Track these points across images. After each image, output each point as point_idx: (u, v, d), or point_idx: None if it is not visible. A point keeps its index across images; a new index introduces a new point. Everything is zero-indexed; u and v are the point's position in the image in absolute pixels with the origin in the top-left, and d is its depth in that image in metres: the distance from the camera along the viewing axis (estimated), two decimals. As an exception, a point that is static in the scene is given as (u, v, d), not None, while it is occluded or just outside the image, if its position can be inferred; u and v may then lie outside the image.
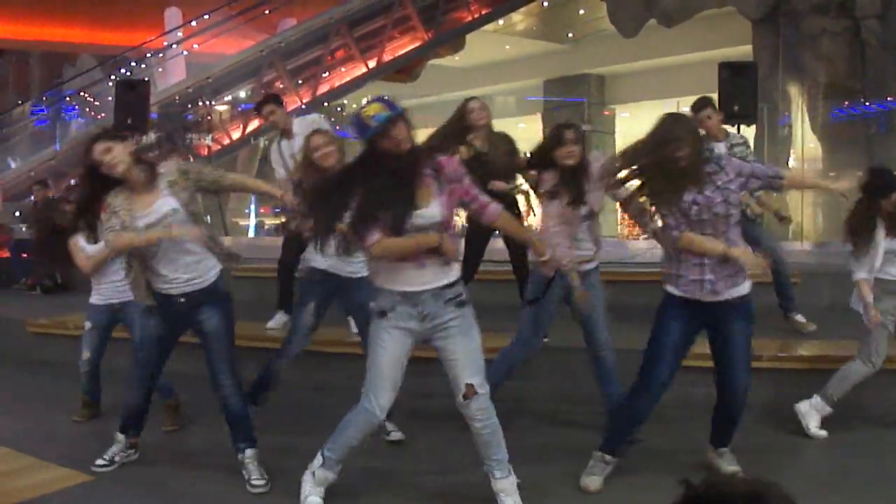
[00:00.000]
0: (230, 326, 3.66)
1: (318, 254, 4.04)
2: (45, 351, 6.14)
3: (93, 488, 3.57)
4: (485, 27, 16.94)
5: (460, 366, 3.13)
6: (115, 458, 3.85)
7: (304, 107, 15.97)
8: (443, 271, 3.13)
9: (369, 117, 3.00)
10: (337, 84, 16.09)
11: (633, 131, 4.88)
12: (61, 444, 4.22)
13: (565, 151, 3.97)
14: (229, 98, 16.58)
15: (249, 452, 3.60)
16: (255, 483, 3.53)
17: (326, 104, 17.02)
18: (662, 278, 3.54)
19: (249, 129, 16.26)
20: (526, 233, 3.72)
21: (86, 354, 4.61)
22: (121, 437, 3.87)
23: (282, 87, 16.02)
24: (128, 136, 3.76)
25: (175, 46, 17.47)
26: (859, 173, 3.82)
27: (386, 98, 3.08)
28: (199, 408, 4.69)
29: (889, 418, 4.41)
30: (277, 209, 4.70)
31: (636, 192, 3.54)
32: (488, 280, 5.74)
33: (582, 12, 19.10)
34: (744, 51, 13.50)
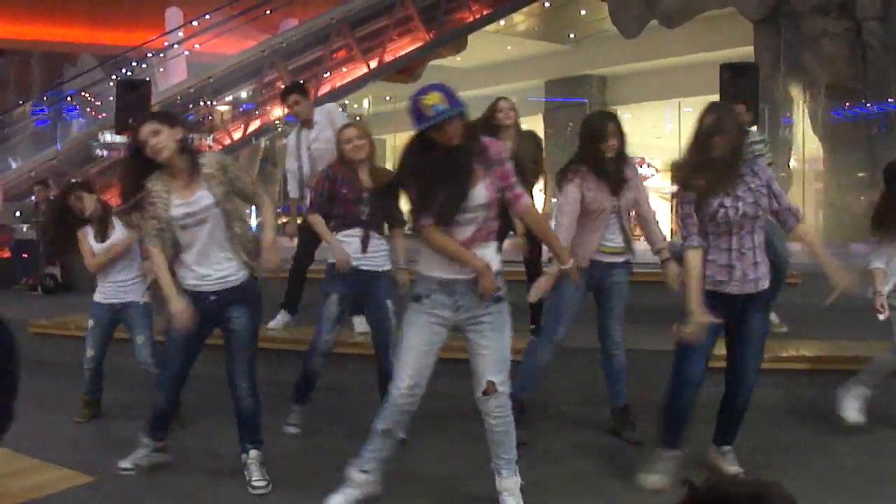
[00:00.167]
0: (256, 328, 3.59)
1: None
2: (46, 351, 6.13)
3: (94, 489, 3.56)
4: (486, 28, 16.95)
5: (486, 361, 3.09)
6: (141, 462, 3.70)
7: (304, 107, 15.96)
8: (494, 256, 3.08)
9: (427, 106, 2.90)
10: (338, 84, 16.09)
11: (635, 132, 4.88)
12: (62, 444, 4.22)
13: (609, 145, 3.94)
14: (230, 98, 16.59)
15: (254, 453, 3.59)
16: (255, 484, 3.51)
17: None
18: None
19: (251, 129, 16.28)
20: (552, 236, 3.48)
21: (90, 352, 4.61)
22: (147, 440, 3.73)
23: (283, 87, 16.03)
24: (178, 122, 3.49)
25: (176, 46, 17.48)
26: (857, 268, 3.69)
27: (447, 89, 2.95)
28: (200, 408, 4.69)
29: (887, 418, 4.40)
30: (278, 209, 4.64)
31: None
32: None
33: (583, 13, 19.09)
34: (745, 52, 13.50)
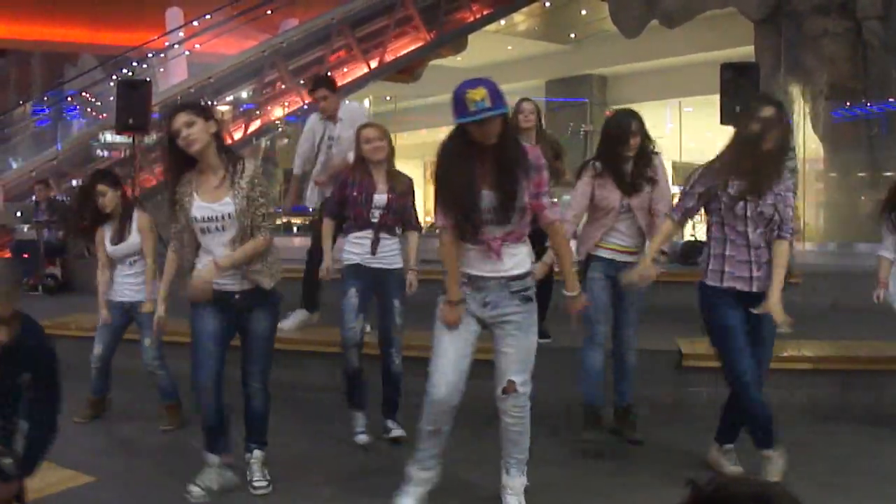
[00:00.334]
0: (274, 330, 3.55)
1: (349, 251, 4.14)
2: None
3: (95, 489, 3.56)
4: (487, 28, 16.94)
5: (509, 360, 3.08)
6: (210, 485, 3.41)
7: (306, 106, 15.97)
8: (512, 262, 3.06)
9: (471, 101, 2.86)
10: (339, 84, 16.06)
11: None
12: (63, 444, 4.20)
13: (631, 144, 3.92)
14: (231, 98, 16.58)
15: (258, 454, 3.58)
16: (256, 484, 3.51)
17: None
18: (703, 275, 3.51)
19: (251, 129, 16.27)
20: (567, 260, 3.30)
21: (97, 350, 4.58)
22: (212, 458, 3.47)
23: (283, 87, 16.03)
24: (214, 116, 3.34)
25: (177, 46, 17.48)
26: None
27: (494, 86, 2.91)
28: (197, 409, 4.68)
29: (888, 418, 4.40)
30: (278, 208, 4.58)
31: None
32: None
33: (584, 13, 19.08)
34: (745, 51, 13.49)
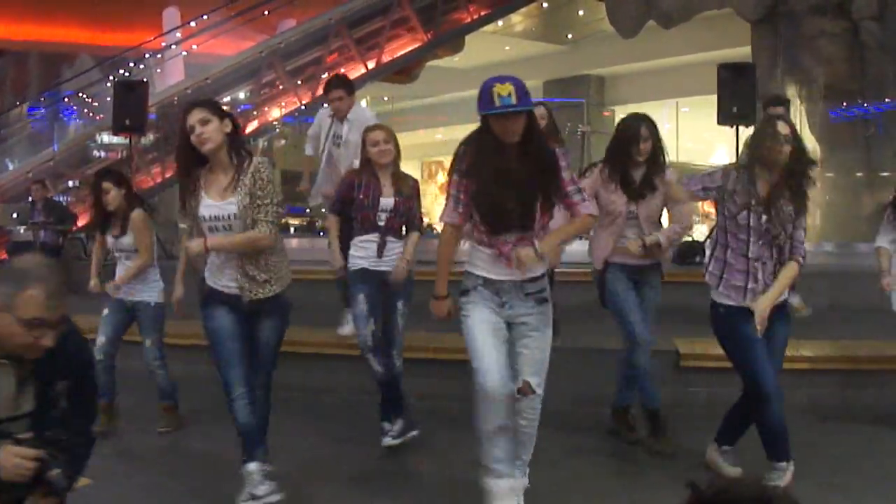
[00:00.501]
0: (281, 338, 3.50)
1: (355, 255, 4.16)
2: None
3: (92, 491, 3.54)
4: (484, 28, 16.94)
5: (524, 361, 3.08)
6: (263, 496, 3.27)
7: (303, 107, 15.95)
8: (535, 264, 3.04)
9: (498, 95, 2.83)
10: (341, 85, 16.05)
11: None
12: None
13: (641, 148, 3.89)
14: (228, 99, 16.56)
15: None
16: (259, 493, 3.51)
17: (326, 105, 16.97)
18: (716, 291, 3.50)
19: (248, 130, 16.24)
20: (566, 233, 3.26)
21: (101, 339, 4.48)
22: (252, 466, 3.31)
23: (281, 87, 16.01)
24: (229, 115, 3.27)
25: (174, 47, 17.45)
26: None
27: (522, 85, 2.87)
28: (199, 410, 4.68)
29: (888, 417, 4.40)
30: (281, 209, 4.54)
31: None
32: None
33: (581, 13, 19.11)
34: (743, 52, 13.52)
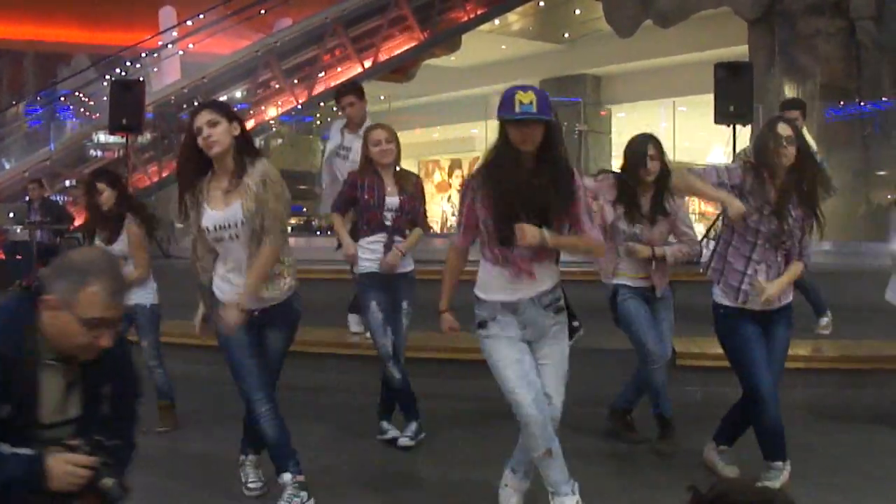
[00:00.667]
0: (288, 347, 3.46)
1: (363, 257, 4.14)
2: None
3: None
4: (480, 27, 16.91)
5: (546, 372, 3.03)
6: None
7: (299, 107, 15.93)
8: (540, 280, 2.98)
9: (519, 102, 2.79)
10: (333, 84, 16.04)
11: (630, 131, 4.86)
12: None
13: (650, 169, 3.87)
14: (225, 98, 16.53)
15: (252, 457, 3.58)
16: (251, 486, 3.52)
17: (323, 104, 16.98)
18: (717, 292, 3.50)
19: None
20: (575, 244, 3.16)
21: None
22: (285, 477, 3.26)
23: (277, 87, 15.99)
24: (238, 117, 3.17)
25: (170, 46, 17.41)
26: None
27: (546, 96, 2.86)
28: (198, 410, 4.67)
29: (886, 417, 4.41)
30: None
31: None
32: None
33: (578, 12, 19.07)
34: (739, 51, 13.51)
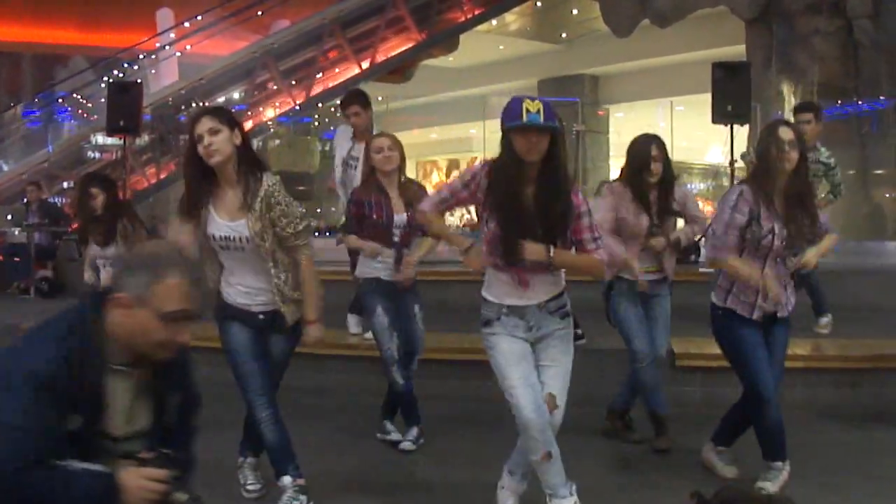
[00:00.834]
0: (290, 354, 3.44)
1: (369, 265, 4.11)
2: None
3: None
4: (478, 27, 16.92)
5: (549, 374, 3.03)
6: None
7: (297, 108, 15.92)
8: (542, 289, 2.98)
9: (526, 111, 2.78)
10: (331, 85, 16.05)
11: (627, 131, 4.86)
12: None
13: (653, 170, 3.84)
14: (222, 99, 16.52)
15: (251, 460, 3.57)
16: (249, 488, 3.51)
17: (321, 105, 16.98)
18: (716, 293, 3.50)
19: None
20: (575, 262, 3.14)
21: None
22: (285, 480, 3.28)
23: (275, 88, 15.98)
24: (240, 126, 3.09)
25: (168, 48, 17.40)
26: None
27: (551, 107, 2.84)
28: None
29: (885, 417, 4.41)
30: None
31: None
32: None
33: (575, 12, 19.09)
34: (737, 50, 13.53)
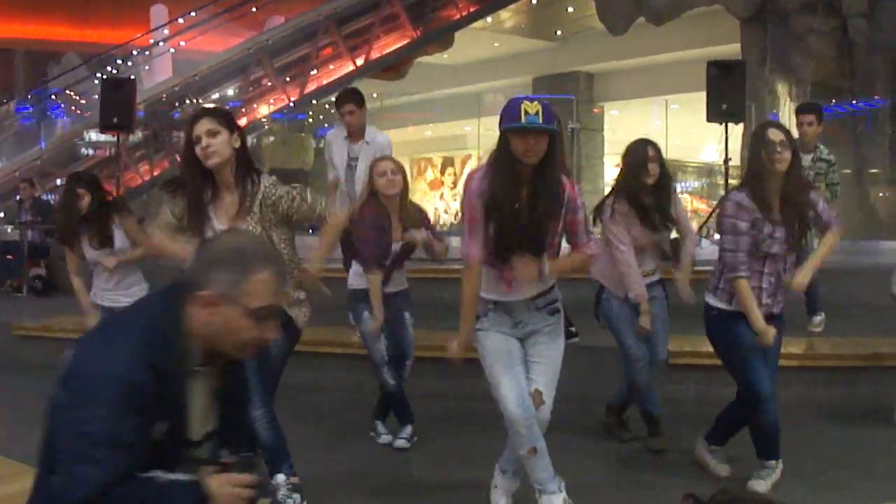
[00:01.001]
0: (287, 357, 3.41)
1: (361, 276, 4.08)
2: (32, 354, 6.08)
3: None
4: (473, 25, 16.90)
5: (537, 370, 3.05)
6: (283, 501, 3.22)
7: (292, 105, 15.88)
8: (535, 284, 2.98)
9: (525, 112, 2.77)
10: (325, 82, 16.02)
11: (622, 129, 4.86)
12: (21, 439, 4.16)
13: (650, 171, 3.83)
14: (216, 96, 16.48)
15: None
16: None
17: (315, 102, 16.95)
18: (711, 294, 3.51)
19: (237, 127, 16.13)
20: (568, 265, 3.19)
21: None
22: (279, 478, 3.25)
23: (269, 84, 15.95)
24: (239, 129, 3.06)
25: (161, 44, 17.35)
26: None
27: (550, 108, 2.85)
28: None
29: (880, 415, 4.42)
30: None
31: None
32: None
33: (570, 10, 19.05)
34: (732, 49, 13.54)
